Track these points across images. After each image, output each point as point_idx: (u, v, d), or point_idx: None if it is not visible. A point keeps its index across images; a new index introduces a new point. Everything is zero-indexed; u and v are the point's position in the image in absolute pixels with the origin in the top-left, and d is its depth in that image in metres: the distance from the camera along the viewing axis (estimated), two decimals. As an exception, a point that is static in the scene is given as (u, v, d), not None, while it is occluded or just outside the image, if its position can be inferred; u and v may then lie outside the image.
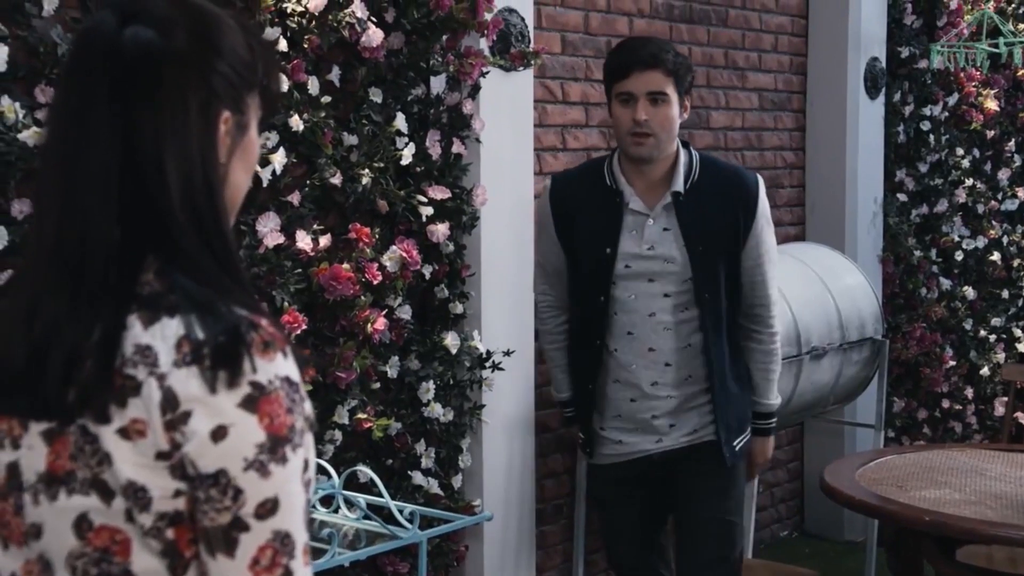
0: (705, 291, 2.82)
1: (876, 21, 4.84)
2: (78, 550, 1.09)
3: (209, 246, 1.12)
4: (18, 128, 2.27)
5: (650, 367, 2.86)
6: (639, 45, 2.88)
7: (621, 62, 2.83)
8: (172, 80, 1.11)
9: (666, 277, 2.82)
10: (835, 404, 4.43)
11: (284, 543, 1.07)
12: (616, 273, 2.83)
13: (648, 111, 2.77)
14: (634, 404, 2.90)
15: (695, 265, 2.81)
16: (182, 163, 1.11)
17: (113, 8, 1.13)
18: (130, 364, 1.06)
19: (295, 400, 1.09)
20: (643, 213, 2.83)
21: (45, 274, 1.11)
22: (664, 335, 2.85)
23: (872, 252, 4.92)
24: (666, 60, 2.79)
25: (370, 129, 2.99)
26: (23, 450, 1.12)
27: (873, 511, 3.21)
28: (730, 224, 2.83)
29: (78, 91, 1.12)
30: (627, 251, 2.82)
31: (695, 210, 2.82)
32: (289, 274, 2.78)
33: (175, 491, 1.06)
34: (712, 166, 2.91)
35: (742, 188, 2.86)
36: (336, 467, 2.74)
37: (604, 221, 2.85)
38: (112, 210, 1.09)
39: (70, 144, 1.11)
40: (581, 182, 2.95)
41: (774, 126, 4.76)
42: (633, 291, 2.84)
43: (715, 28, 4.44)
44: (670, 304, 2.83)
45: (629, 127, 2.79)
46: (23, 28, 2.34)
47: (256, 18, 2.69)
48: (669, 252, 2.82)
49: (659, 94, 2.79)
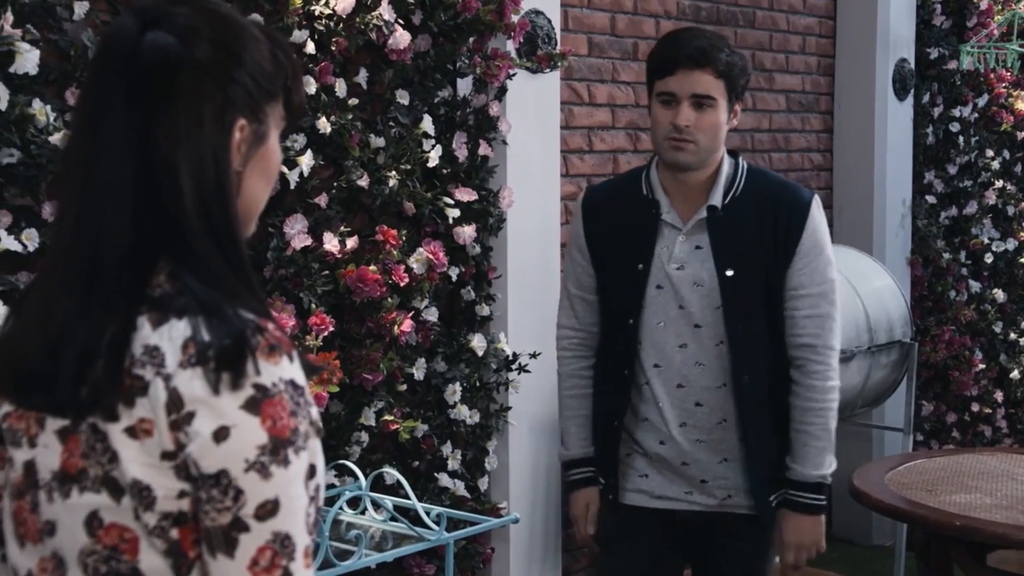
0: (737, 321, 2.43)
1: (905, 22, 4.81)
2: (89, 547, 1.10)
3: (221, 250, 1.13)
4: (49, 131, 2.28)
5: (678, 406, 2.49)
6: (688, 39, 2.45)
7: (665, 57, 2.45)
8: (188, 87, 1.12)
9: (697, 303, 2.45)
10: (863, 407, 4.40)
11: (284, 545, 1.07)
12: (647, 295, 2.48)
13: (691, 116, 2.41)
14: (663, 448, 2.52)
15: (724, 290, 2.43)
16: (196, 169, 1.12)
17: (136, 14, 1.14)
18: (138, 364, 1.07)
19: (299, 404, 1.09)
20: (676, 227, 2.48)
21: (61, 274, 1.13)
22: (696, 371, 2.47)
23: (900, 254, 4.89)
24: (718, 59, 2.41)
25: (397, 131, 3.00)
26: (39, 448, 1.14)
27: (903, 515, 3.19)
28: (769, 245, 2.43)
29: (96, 95, 1.14)
30: (659, 269, 2.48)
31: (730, 227, 2.45)
32: (316, 276, 2.79)
33: (179, 492, 1.07)
34: (760, 179, 2.52)
35: (788, 205, 2.46)
36: (363, 469, 2.74)
37: (638, 234, 2.50)
38: (126, 213, 1.10)
39: (87, 147, 1.13)
40: (616, 192, 2.61)
41: (801, 128, 4.73)
42: (662, 317, 2.48)
43: (742, 29, 4.42)
44: (703, 335, 2.46)
45: (668, 130, 2.44)
46: (54, 32, 2.36)
47: (284, 21, 2.70)
48: (699, 273, 2.45)
49: (705, 98, 2.41)
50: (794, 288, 2.44)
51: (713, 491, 2.51)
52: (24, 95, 2.26)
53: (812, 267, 2.44)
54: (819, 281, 2.44)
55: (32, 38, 2.27)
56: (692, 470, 2.50)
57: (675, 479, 2.52)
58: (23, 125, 2.27)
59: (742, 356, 2.44)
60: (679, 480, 2.51)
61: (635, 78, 3.99)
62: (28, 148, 2.28)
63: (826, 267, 2.46)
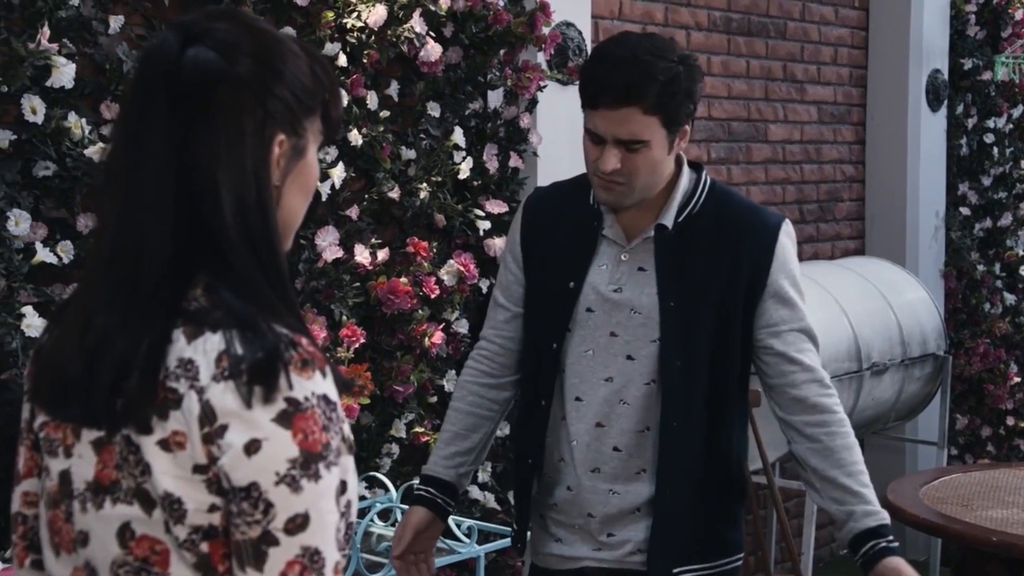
0: (675, 358, 2.06)
1: (938, 32, 4.78)
2: (121, 558, 1.10)
3: (260, 265, 1.13)
4: (84, 144, 2.30)
5: (593, 448, 2.10)
6: (610, 69, 1.99)
7: (589, 88, 2.02)
8: (228, 102, 1.12)
9: (631, 332, 2.08)
10: (896, 421, 4.36)
11: (313, 560, 1.07)
12: (576, 317, 2.10)
13: (616, 159, 2.00)
14: (569, 495, 2.13)
15: (665, 321, 2.05)
16: (236, 183, 1.12)
17: (177, 29, 1.15)
18: (173, 377, 1.08)
19: (332, 419, 1.09)
20: (618, 243, 2.11)
21: (100, 287, 1.13)
22: (619, 409, 2.08)
23: (934, 266, 4.84)
24: (647, 93, 1.96)
25: (428, 143, 3.00)
26: (74, 458, 1.14)
27: (938, 530, 3.16)
28: (726, 275, 2.07)
29: (137, 109, 1.15)
30: (593, 290, 2.10)
31: (681, 251, 2.08)
32: (347, 288, 2.79)
33: (210, 505, 1.07)
34: (722, 198, 2.13)
35: (752, 230, 2.08)
36: (394, 480, 2.74)
37: (574, 247, 2.13)
38: (166, 227, 1.11)
39: (128, 161, 1.14)
40: (561, 197, 2.22)
41: (833, 139, 4.71)
42: (591, 345, 2.10)
43: (774, 41, 4.41)
44: (633, 371, 2.08)
45: (594, 168, 2.05)
46: (90, 46, 2.38)
47: (316, 34, 2.71)
48: (637, 299, 2.08)
49: (633, 143, 1.99)
50: (767, 326, 2.08)
51: (618, 545, 2.12)
52: (60, 108, 2.29)
53: (786, 301, 2.08)
54: (797, 317, 2.09)
55: (68, 52, 2.30)
56: (596, 524, 2.12)
57: (583, 535, 2.14)
58: (59, 138, 2.29)
59: (676, 398, 2.06)
60: (587, 537, 2.13)
61: (666, 90, 3.98)
62: (64, 161, 2.30)
63: (800, 299, 2.11)
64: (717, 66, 4.18)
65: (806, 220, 4.59)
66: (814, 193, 4.63)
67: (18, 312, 2.19)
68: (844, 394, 3.89)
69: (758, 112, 4.35)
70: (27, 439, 1.25)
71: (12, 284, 2.21)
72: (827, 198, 4.69)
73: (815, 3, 4.56)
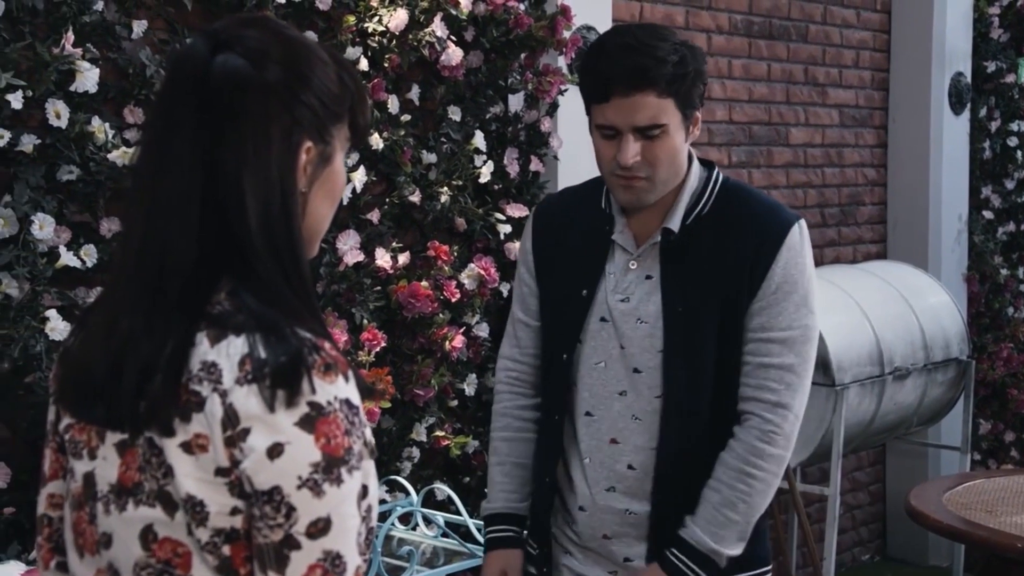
0: (679, 367, 1.95)
1: (961, 35, 4.75)
2: (143, 560, 1.11)
3: (284, 271, 1.13)
4: (107, 148, 2.31)
5: (608, 466, 1.99)
6: (620, 54, 1.90)
7: (596, 79, 1.94)
8: (257, 109, 1.13)
9: (637, 344, 1.97)
10: (919, 425, 4.33)
11: (335, 564, 1.07)
12: (588, 327, 2.01)
13: (637, 149, 1.91)
14: (582, 515, 2.03)
15: (668, 328, 1.95)
16: (262, 190, 1.13)
17: (207, 36, 1.16)
18: (196, 380, 1.08)
19: (354, 423, 1.10)
20: (627, 250, 2.01)
21: (126, 290, 1.14)
22: (632, 425, 1.98)
23: (956, 270, 4.82)
24: (660, 75, 1.88)
25: (449, 147, 3.01)
26: (98, 460, 1.15)
27: (961, 536, 3.13)
28: (733, 277, 1.95)
29: (166, 115, 1.15)
30: (605, 297, 2.01)
31: (688, 254, 1.97)
32: (368, 291, 2.80)
33: (232, 508, 1.08)
34: (735, 196, 2.01)
35: (763, 229, 1.96)
36: (414, 484, 2.74)
37: (587, 254, 2.04)
38: (192, 232, 1.12)
39: (155, 166, 1.14)
40: (573, 202, 2.12)
41: (855, 142, 4.68)
42: (603, 357, 2.00)
43: (795, 44, 4.39)
44: (642, 384, 1.97)
45: (613, 166, 1.95)
46: (113, 50, 2.40)
47: (338, 38, 2.72)
48: (644, 307, 1.98)
49: (652, 128, 1.91)
50: (753, 330, 1.94)
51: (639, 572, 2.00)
52: (84, 113, 2.30)
53: (780, 306, 1.93)
54: (785, 325, 1.93)
55: (92, 57, 2.31)
56: (615, 545, 2.01)
57: (598, 559, 2.03)
58: (82, 143, 2.31)
59: (681, 408, 1.95)
60: (601, 560, 2.03)
61: (687, 93, 3.97)
62: (87, 165, 2.32)
63: (798, 309, 1.93)
64: (738, 69, 4.17)
65: (827, 224, 4.57)
66: (836, 197, 4.61)
67: (42, 316, 2.21)
68: (866, 399, 3.87)
69: (779, 116, 4.34)
70: (52, 441, 1.26)
71: (36, 288, 2.23)
72: (849, 202, 4.67)
73: (837, 6, 4.55)
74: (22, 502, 2.26)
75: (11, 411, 2.26)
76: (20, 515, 2.26)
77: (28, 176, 2.25)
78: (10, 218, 2.20)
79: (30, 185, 2.25)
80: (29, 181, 2.25)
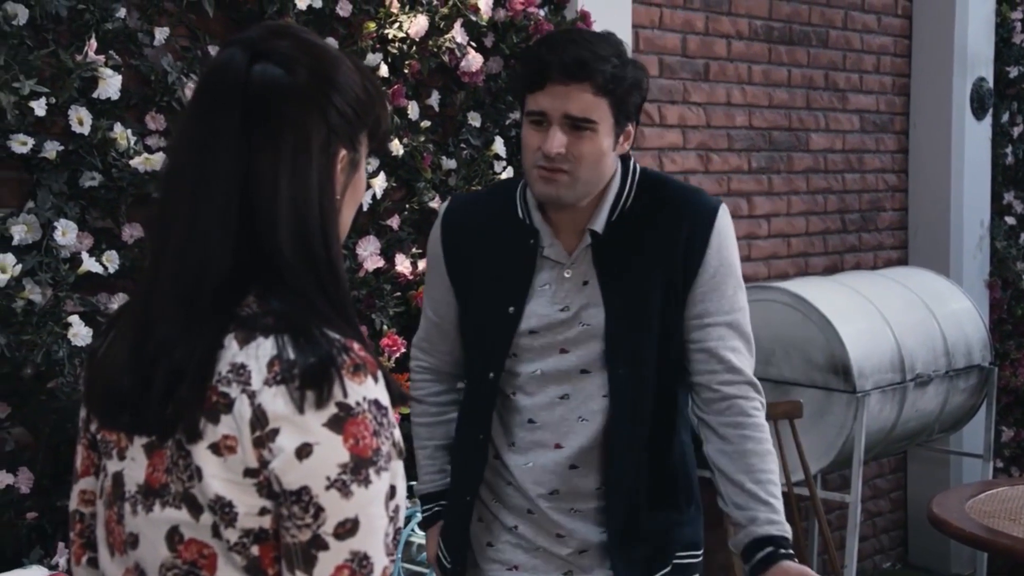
0: (620, 362, 1.96)
1: (983, 40, 4.73)
2: (169, 561, 1.12)
3: (319, 279, 1.14)
4: (130, 154, 2.33)
5: (551, 471, 2.00)
6: (562, 45, 1.91)
7: (534, 67, 1.92)
8: (296, 117, 1.14)
9: (584, 347, 1.97)
10: (941, 433, 4.31)
11: (362, 565, 1.07)
12: (518, 342, 1.99)
13: (563, 140, 1.89)
14: (532, 518, 2.03)
15: (610, 326, 1.95)
16: (298, 200, 1.13)
17: (243, 45, 1.16)
18: (225, 382, 1.09)
19: (383, 424, 1.10)
20: (559, 263, 1.99)
21: (163, 298, 1.14)
22: (578, 428, 1.99)
23: (978, 277, 4.79)
24: (598, 71, 1.87)
25: (468, 153, 3.01)
26: (127, 461, 1.16)
27: (985, 545, 3.11)
28: (666, 266, 1.96)
29: (206, 124, 1.15)
30: (536, 313, 1.98)
31: (619, 250, 1.98)
32: (388, 297, 2.80)
33: (261, 508, 1.08)
34: (656, 187, 2.01)
35: (688, 216, 1.97)
36: (434, 490, 2.73)
37: (510, 269, 2.01)
38: (229, 241, 1.12)
39: (196, 176, 1.14)
40: (485, 210, 2.08)
41: (876, 148, 4.67)
42: (539, 365, 1.99)
43: (815, 49, 4.38)
44: (592, 384, 1.98)
45: (536, 157, 1.92)
46: (135, 57, 2.41)
47: (358, 44, 2.73)
48: (586, 312, 1.97)
49: (582, 121, 1.89)
50: (698, 316, 1.97)
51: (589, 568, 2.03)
52: (106, 120, 2.32)
53: (720, 290, 1.97)
54: (728, 308, 1.97)
55: (114, 64, 2.32)
56: (570, 542, 2.02)
57: (549, 558, 2.03)
58: (105, 149, 2.32)
59: (623, 402, 1.96)
60: (552, 559, 2.03)
61: (706, 99, 3.97)
62: (109, 172, 2.33)
63: (736, 291, 1.99)
64: (758, 75, 4.17)
65: (848, 230, 4.56)
66: (856, 203, 4.59)
67: (65, 321, 2.22)
68: (888, 405, 3.85)
69: (799, 121, 4.32)
70: (84, 438, 1.27)
71: (59, 294, 2.24)
72: (869, 208, 4.65)
73: (857, 11, 4.53)
74: (44, 507, 2.27)
75: (34, 416, 2.28)
76: (43, 520, 2.27)
77: (51, 182, 2.27)
78: (33, 224, 2.22)
79: (53, 191, 2.27)
80: (52, 187, 2.27)
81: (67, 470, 2.28)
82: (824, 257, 4.46)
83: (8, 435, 2.27)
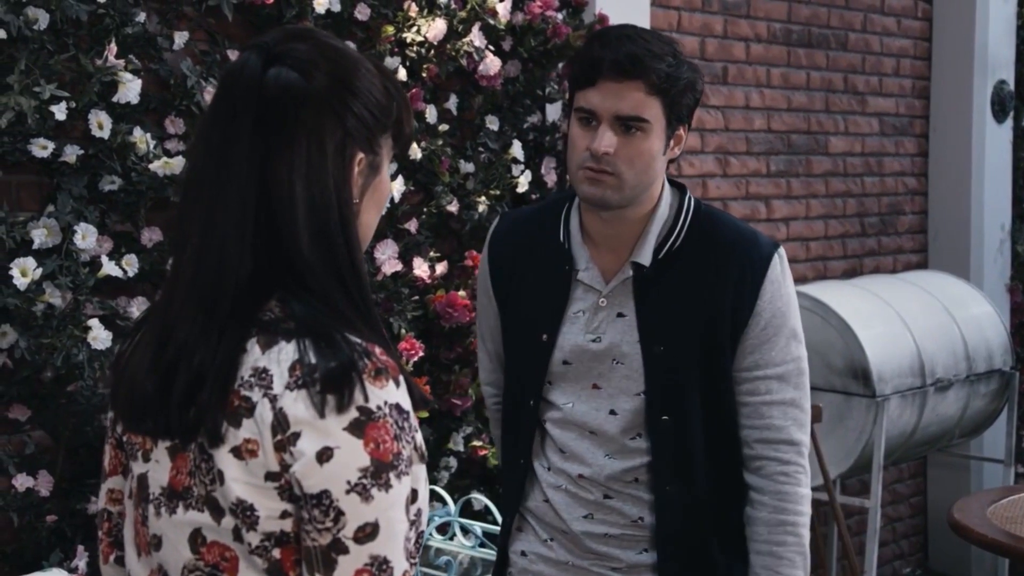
0: (663, 412, 1.86)
1: (1004, 43, 4.70)
2: (192, 563, 1.13)
3: (342, 282, 1.14)
4: (149, 158, 2.33)
5: (580, 499, 1.94)
6: (616, 41, 1.82)
7: (586, 63, 1.84)
8: (311, 121, 1.14)
9: (615, 385, 1.89)
10: (961, 438, 4.28)
11: (382, 569, 1.07)
12: (552, 370, 1.93)
13: (613, 141, 1.80)
14: (563, 537, 1.98)
15: (650, 371, 1.86)
16: (317, 202, 1.13)
17: (258, 49, 1.17)
18: (247, 386, 1.09)
19: (404, 428, 1.10)
20: (595, 288, 1.91)
21: (182, 302, 1.15)
22: (604, 463, 1.91)
23: (999, 281, 4.76)
24: (653, 69, 1.79)
25: (486, 156, 3.01)
26: (152, 463, 1.17)
27: (1007, 551, 3.09)
28: (714, 315, 1.86)
29: (221, 128, 1.16)
30: (569, 341, 1.91)
31: (664, 289, 1.87)
32: (406, 301, 2.80)
33: (282, 512, 1.09)
34: (709, 224, 1.91)
35: (742, 263, 1.86)
36: (451, 494, 2.74)
37: (545, 294, 1.94)
38: (247, 244, 1.12)
39: (212, 178, 1.15)
40: (529, 230, 2.00)
41: (895, 151, 4.64)
42: (571, 398, 1.92)
43: (834, 52, 4.36)
44: (618, 425, 1.89)
45: (583, 157, 1.83)
46: (155, 61, 2.42)
47: (376, 48, 2.73)
48: (619, 347, 1.88)
49: (633, 120, 1.81)
50: (747, 369, 1.87)
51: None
52: (126, 124, 2.32)
53: (772, 342, 1.86)
54: (780, 360, 1.87)
55: (134, 68, 2.33)
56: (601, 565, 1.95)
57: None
58: (124, 153, 2.33)
59: (667, 456, 1.88)
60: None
61: (725, 102, 3.95)
62: (129, 175, 2.34)
63: (789, 342, 1.88)
64: (777, 78, 4.15)
65: (867, 233, 4.54)
66: (875, 206, 4.57)
67: (84, 325, 2.22)
68: (908, 410, 3.83)
69: (818, 124, 4.31)
70: (112, 438, 1.28)
71: (78, 297, 2.25)
72: (889, 211, 4.63)
73: (877, 14, 4.51)
74: (64, 510, 2.28)
75: (53, 420, 2.28)
76: (62, 523, 2.27)
77: (71, 186, 2.28)
78: (53, 228, 2.22)
79: (73, 195, 2.27)
80: (72, 191, 2.27)
81: (87, 473, 2.29)
82: (843, 261, 4.44)
83: (28, 438, 2.28)
